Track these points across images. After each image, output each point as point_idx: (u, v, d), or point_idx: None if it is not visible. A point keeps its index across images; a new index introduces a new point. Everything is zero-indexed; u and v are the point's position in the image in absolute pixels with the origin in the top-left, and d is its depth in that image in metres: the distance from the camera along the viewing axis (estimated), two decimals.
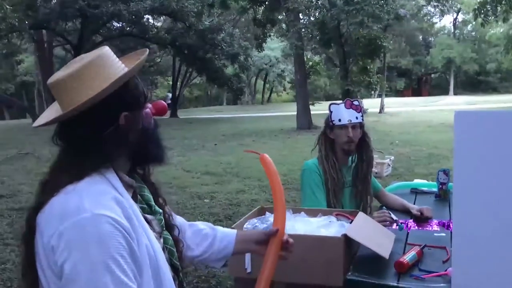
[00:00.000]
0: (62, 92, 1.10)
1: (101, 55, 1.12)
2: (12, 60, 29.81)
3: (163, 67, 32.41)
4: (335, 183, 2.49)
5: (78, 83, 1.08)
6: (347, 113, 2.50)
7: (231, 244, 1.50)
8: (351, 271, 1.77)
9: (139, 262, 1.05)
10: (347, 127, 2.49)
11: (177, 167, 8.30)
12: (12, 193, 6.30)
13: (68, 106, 1.07)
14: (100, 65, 1.10)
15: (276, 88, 46.91)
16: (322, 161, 2.54)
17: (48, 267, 1.01)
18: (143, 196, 1.24)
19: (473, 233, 1.45)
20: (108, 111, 1.10)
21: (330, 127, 2.56)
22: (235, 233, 1.53)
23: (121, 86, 1.10)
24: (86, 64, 1.09)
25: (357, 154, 2.61)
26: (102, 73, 1.09)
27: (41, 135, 13.39)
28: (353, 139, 2.51)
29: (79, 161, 1.09)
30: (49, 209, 1.04)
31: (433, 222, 2.40)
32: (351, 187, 2.61)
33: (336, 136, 2.54)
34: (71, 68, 1.10)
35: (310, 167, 2.54)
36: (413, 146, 10.35)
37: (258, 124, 18.04)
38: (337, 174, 2.50)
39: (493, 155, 1.40)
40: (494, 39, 36.68)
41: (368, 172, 2.61)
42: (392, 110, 23.49)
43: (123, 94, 1.11)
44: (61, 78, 1.09)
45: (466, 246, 1.46)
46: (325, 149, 2.55)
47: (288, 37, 15.74)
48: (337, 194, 2.50)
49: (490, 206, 1.41)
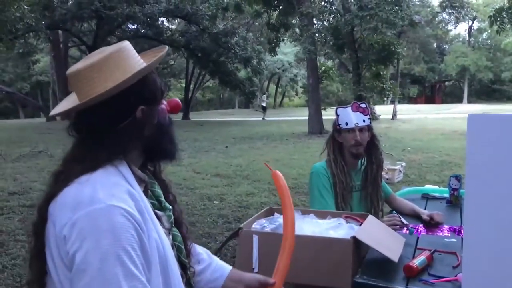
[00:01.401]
0: (81, 83, 1.10)
1: (122, 48, 1.14)
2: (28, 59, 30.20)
3: (176, 69, 32.67)
4: (344, 187, 2.47)
5: (98, 74, 1.09)
6: (354, 116, 2.49)
7: (222, 279, 1.44)
8: (360, 274, 1.75)
9: (148, 256, 1.05)
10: (354, 131, 2.48)
11: (187, 169, 8.32)
12: (24, 190, 6.37)
13: (86, 96, 1.08)
14: (120, 58, 1.12)
15: (289, 93, 46.92)
16: (330, 164, 2.52)
17: (58, 257, 1.02)
18: (154, 192, 1.24)
19: (485, 238, 1.42)
20: (125, 104, 1.11)
21: (337, 131, 2.55)
22: (229, 269, 1.47)
23: (139, 80, 1.11)
24: (106, 56, 1.10)
25: (366, 156, 2.59)
26: (121, 66, 1.10)
27: (54, 134, 13.55)
28: (361, 142, 2.49)
29: (94, 153, 1.09)
30: (62, 199, 1.04)
31: (444, 228, 2.37)
32: (360, 191, 2.59)
33: (344, 139, 2.52)
34: (92, 59, 1.11)
35: (318, 169, 2.53)
36: (425, 153, 10.25)
37: (269, 128, 18.03)
38: (345, 177, 2.48)
39: (507, 160, 1.37)
40: (509, 48, 36.32)
41: (378, 174, 2.59)
42: (404, 117, 23.33)
43: (141, 88, 1.12)
44: (81, 68, 1.10)
45: (478, 252, 1.43)
46: (333, 153, 2.54)
47: (302, 41, 15.71)
48: (346, 197, 2.48)
49: (503, 211, 1.39)
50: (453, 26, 44.85)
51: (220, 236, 4.54)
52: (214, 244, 4.29)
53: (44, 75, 35.43)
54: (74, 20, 18.81)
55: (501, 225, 1.40)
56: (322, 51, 18.01)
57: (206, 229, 4.80)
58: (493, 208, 1.41)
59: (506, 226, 1.40)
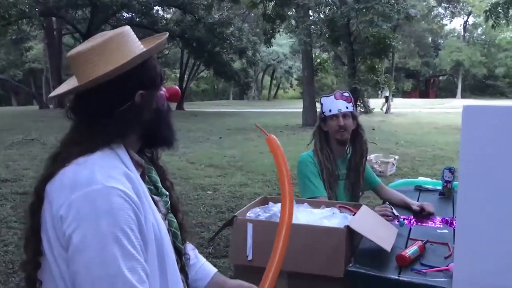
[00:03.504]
0: (81, 65, 1.10)
1: (123, 32, 1.14)
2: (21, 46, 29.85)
3: (171, 59, 32.49)
4: (329, 174, 2.52)
5: (98, 57, 1.09)
6: (336, 103, 2.55)
7: (206, 280, 1.42)
8: (353, 263, 1.76)
9: (145, 238, 1.05)
10: (338, 116, 2.54)
11: (181, 159, 8.31)
12: (16, 178, 6.34)
13: (85, 79, 1.08)
14: (121, 41, 1.12)
15: (283, 85, 46.86)
16: (317, 152, 2.57)
17: (55, 238, 1.02)
18: (151, 177, 1.25)
19: (477, 229, 1.44)
20: (124, 88, 1.11)
21: (323, 120, 2.61)
22: (214, 271, 1.46)
23: (139, 64, 1.11)
24: (107, 39, 1.11)
25: (351, 146, 2.65)
26: (122, 49, 1.11)
27: (47, 122, 13.45)
28: (345, 128, 2.54)
29: (92, 135, 1.09)
30: (60, 179, 1.04)
31: (436, 219, 2.39)
32: (345, 180, 2.63)
33: (329, 127, 2.58)
34: (92, 42, 1.11)
35: (305, 158, 2.57)
36: (418, 147, 10.31)
37: (263, 120, 18.04)
38: (331, 164, 2.54)
39: (501, 150, 1.38)
40: (504, 43, 36.44)
41: (360, 163, 2.63)
42: (398, 110, 23.40)
43: (141, 73, 1.13)
44: (82, 50, 1.10)
45: (469, 242, 1.45)
46: (320, 142, 2.60)
47: (297, 33, 15.68)
48: (332, 185, 2.53)
49: (496, 202, 1.40)
50: (448, 20, 45.03)
51: (213, 226, 4.55)
52: (207, 233, 4.31)
53: (37, 63, 35.10)
54: (68, 7, 18.63)
55: (494, 215, 1.41)
56: (318, 43, 17.97)
57: (199, 218, 4.81)
58: (486, 199, 1.42)
59: (499, 217, 1.41)
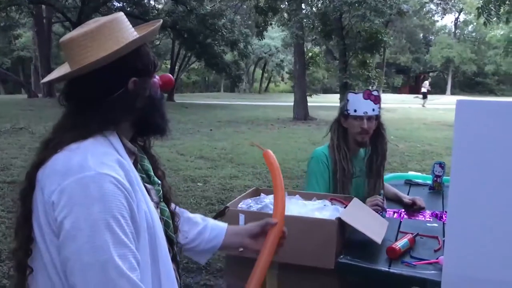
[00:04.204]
0: (73, 51, 1.09)
1: (117, 19, 1.13)
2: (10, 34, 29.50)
3: (162, 50, 32.23)
4: (344, 174, 2.39)
5: (92, 43, 1.08)
6: (364, 104, 2.39)
7: (222, 235, 1.46)
8: (343, 255, 1.78)
9: (137, 226, 1.05)
10: (362, 118, 2.38)
11: (171, 150, 8.28)
12: (4, 167, 6.27)
13: (78, 65, 1.07)
14: (115, 28, 1.11)
15: (274, 78, 46.80)
16: (333, 150, 2.44)
17: (46, 224, 1.01)
18: (143, 166, 1.25)
19: (467, 223, 1.45)
20: (117, 74, 1.10)
21: (344, 116, 2.45)
22: (226, 225, 1.50)
23: (132, 51, 1.10)
24: (101, 25, 1.10)
25: (371, 146, 2.51)
26: (116, 36, 1.10)
27: (36, 111, 13.31)
28: (368, 131, 2.41)
29: (85, 122, 1.08)
30: (52, 165, 1.03)
31: (426, 213, 2.41)
32: (359, 178, 2.51)
33: (350, 125, 2.44)
34: (85, 28, 1.10)
35: (319, 155, 2.45)
36: (408, 142, 10.38)
37: (254, 113, 18.01)
38: (347, 164, 2.40)
39: (493, 145, 1.39)
40: (494, 41, 36.73)
41: (381, 165, 2.50)
42: (388, 106, 23.50)
43: (134, 59, 1.12)
44: (75, 36, 1.09)
45: (460, 235, 1.46)
46: (337, 138, 2.45)
47: (289, 26, 15.63)
48: (345, 184, 2.41)
49: (487, 196, 1.42)
50: (439, 17, 45.24)
51: None
52: None
53: (26, 51, 34.61)
54: None
55: (484, 209, 1.43)
56: (310, 37, 17.94)
57: (189, 210, 4.70)
58: (477, 193, 1.43)
59: (489, 211, 1.43)
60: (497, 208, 1.41)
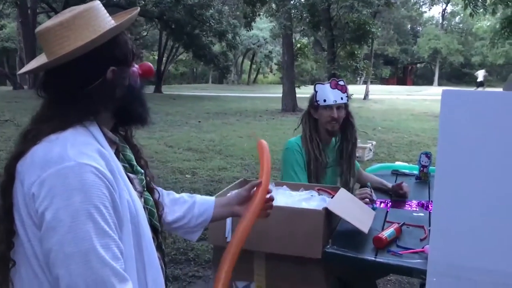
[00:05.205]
0: (49, 41, 1.07)
1: (92, 7, 1.12)
2: None
3: (149, 41, 31.97)
4: (318, 164, 2.47)
5: (68, 32, 1.06)
6: (332, 94, 2.47)
7: (211, 208, 1.48)
8: (330, 244, 1.78)
9: (120, 216, 1.04)
10: (332, 108, 2.47)
11: (159, 142, 8.24)
12: None
13: (54, 55, 1.06)
14: (91, 16, 1.09)
15: (263, 69, 46.69)
16: (306, 141, 2.51)
17: (27, 216, 1.00)
18: (125, 155, 1.24)
19: (453, 212, 1.46)
20: (95, 64, 1.09)
21: (314, 107, 2.53)
22: (213, 199, 1.52)
23: (110, 40, 1.09)
24: (76, 14, 1.08)
25: (341, 134, 2.59)
26: (92, 25, 1.08)
27: (21, 103, 13.11)
28: (337, 119, 2.49)
29: (63, 112, 1.07)
30: (31, 157, 1.02)
31: (413, 203, 2.43)
32: (333, 167, 2.60)
33: (320, 116, 2.51)
34: (61, 17, 1.08)
35: (292, 146, 2.52)
36: (395, 133, 10.45)
37: (243, 104, 17.98)
38: (320, 154, 2.48)
39: (479, 135, 1.40)
40: (480, 32, 36.94)
41: (352, 151, 2.59)
42: (376, 97, 23.60)
43: (112, 48, 1.10)
44: (50, 26, 1.07)
45: (445, 224, 1.47)
46: (309, 129, 2.53)
47: (278, 17, 15.59)
48: (319, 174, 2.48)
49: (472, 186, 1.43)
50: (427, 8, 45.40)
51: None
52: None
53: (10, 42, 34.06)
54: None
55: (470, 199, 1.44)
56: (298, 28, 17.90)
57: None
58: (462, 183, 1.44)
59: (474, 201, 1.44)
60: (482, 197, 1.42)
